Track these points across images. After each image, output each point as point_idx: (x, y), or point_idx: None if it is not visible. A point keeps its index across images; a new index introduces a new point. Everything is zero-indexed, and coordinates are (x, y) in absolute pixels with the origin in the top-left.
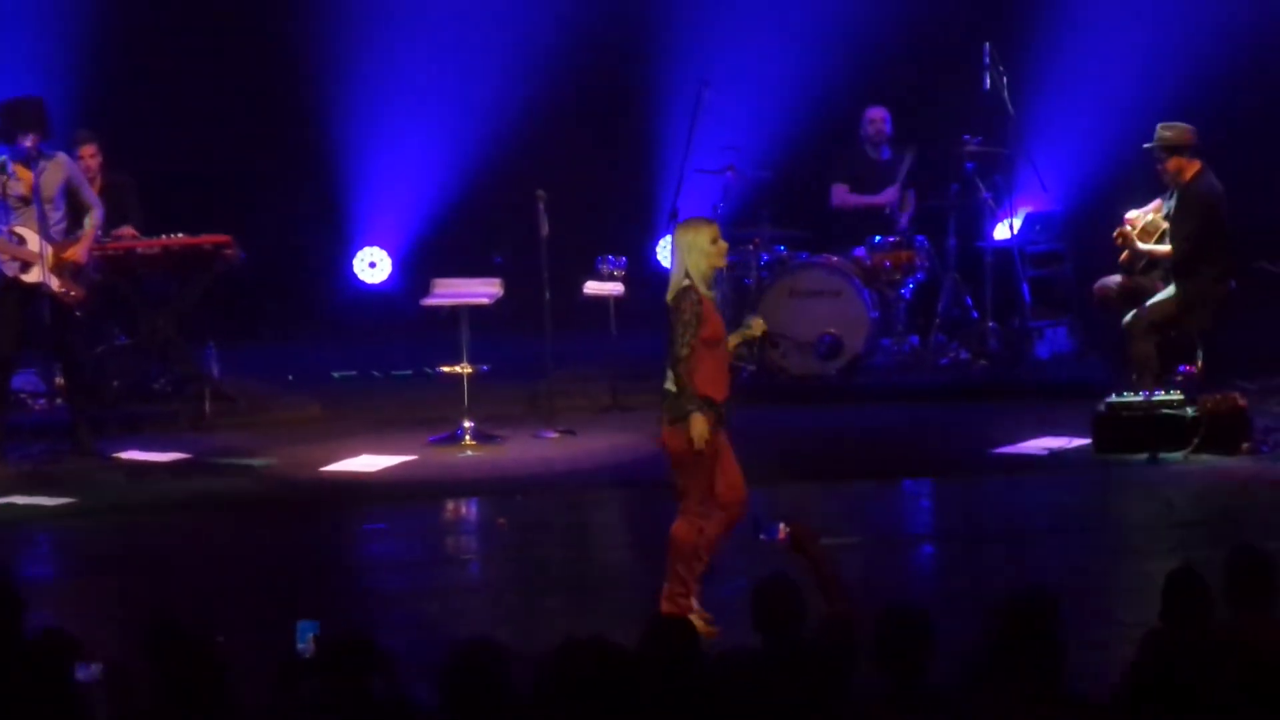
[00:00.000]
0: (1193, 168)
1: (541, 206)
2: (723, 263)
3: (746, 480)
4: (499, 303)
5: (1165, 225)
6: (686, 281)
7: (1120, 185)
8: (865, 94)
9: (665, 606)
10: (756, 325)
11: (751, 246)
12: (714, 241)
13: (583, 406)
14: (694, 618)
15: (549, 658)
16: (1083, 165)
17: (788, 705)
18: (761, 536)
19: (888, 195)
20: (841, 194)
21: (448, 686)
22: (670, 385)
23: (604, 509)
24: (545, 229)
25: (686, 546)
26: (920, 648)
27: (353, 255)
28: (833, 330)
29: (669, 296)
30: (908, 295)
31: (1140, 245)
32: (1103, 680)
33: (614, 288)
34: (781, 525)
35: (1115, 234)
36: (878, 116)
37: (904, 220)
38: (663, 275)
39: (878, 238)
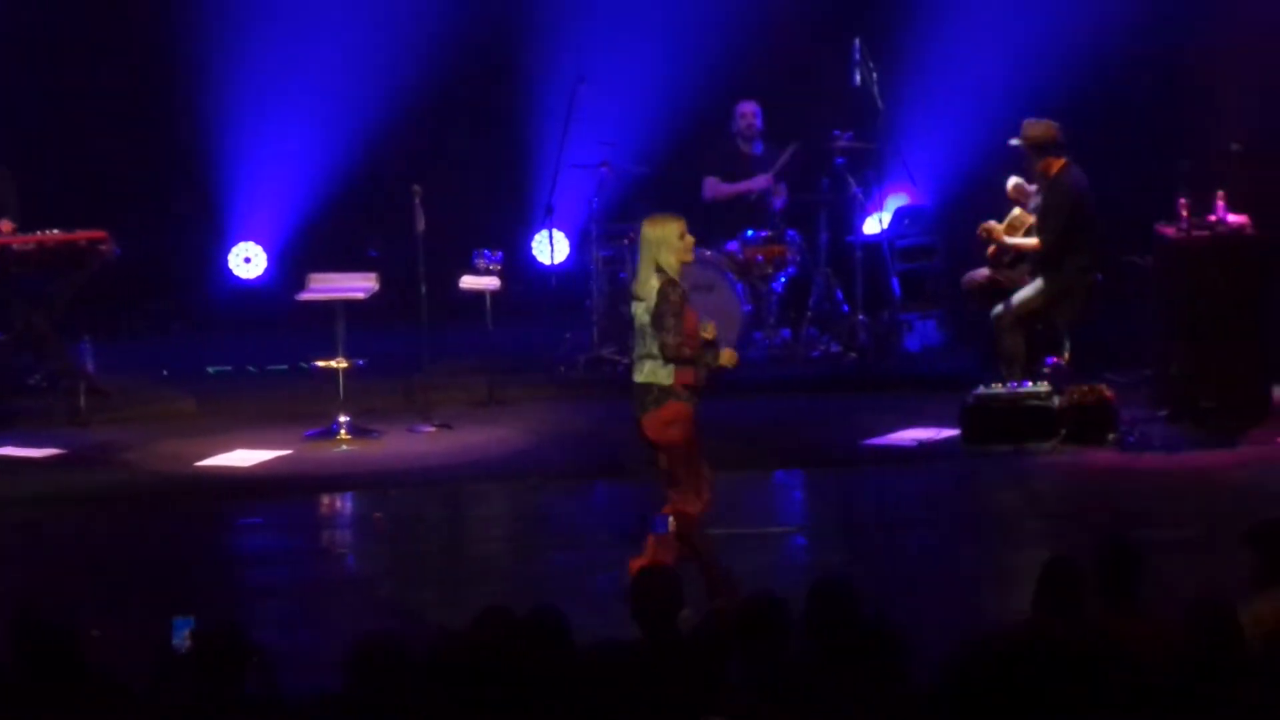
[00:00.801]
0: (1058, 163)
1: (417, 201)
2: (690, 257)
3: (625, 473)
4: (374, 297)
5: (1031, 219)
6: (662, 276)
7: (989, 179)
8: (737, 89)
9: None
10: (709, 330)
11: (626, 241)
12: (681, 236)
13: (459, 400)
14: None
15: (424, 651)
16: (952, 159)
17: (664, 695)
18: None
19: (758, 181)
20: (714, 185)
21: (351, 677)
22: (642, 378)
23: (480, 503)
24: (421, 223)
25: (692, 521)
26: (778, 636)
27: (228, 250)
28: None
29: (638, 289)
30: (779, 289)
31: (1007, 239)
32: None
33: (490, 282)
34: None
35: (979, 229)
36: (749, 110)
37: (776, 207)
38: (539, 270)
39: (750, 232)
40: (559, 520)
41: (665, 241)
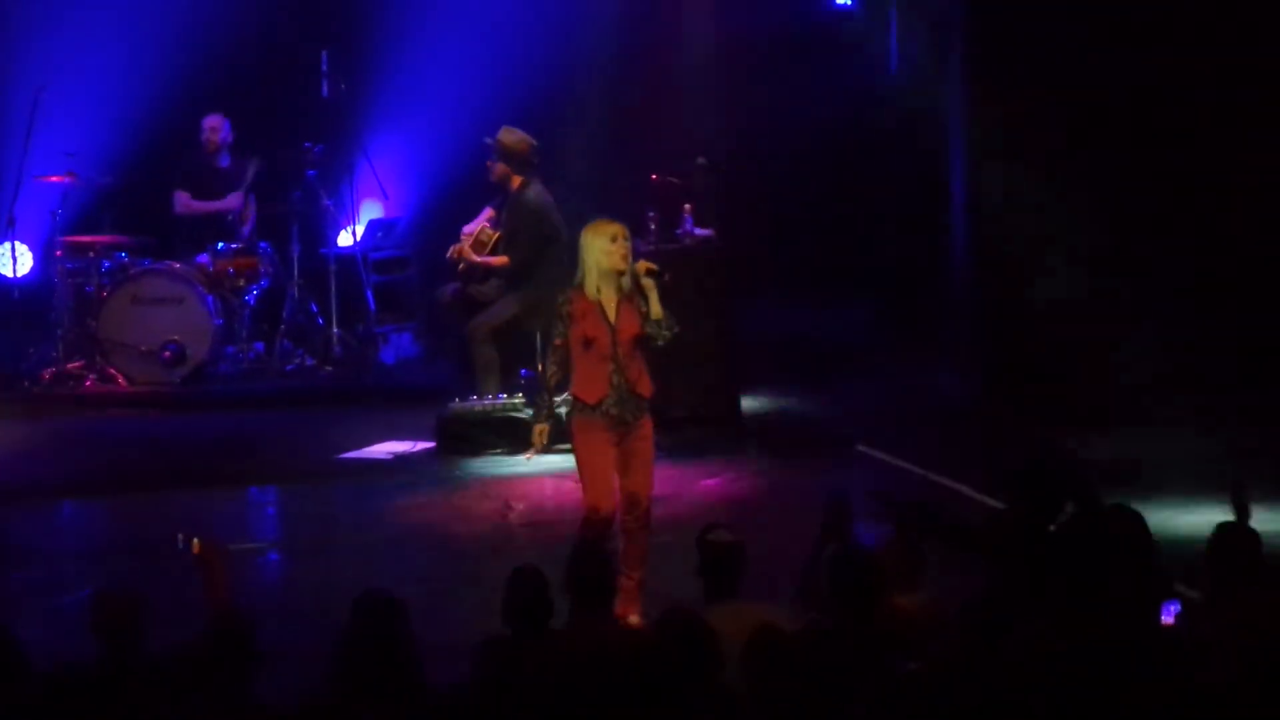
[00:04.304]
0: (519, 179)
1: None
2: (622, 264)
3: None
4: None
5: (497, 234)
6: (577, 281)
7: (461, 191)
8: (206, 100)
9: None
10: (641, 266)
11: (92, 254)
12: (613, 240)
13: None
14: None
15: None
16: (424, 171)
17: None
18: (180, 548)
19: (230, 201)
20: (184, 201)
21: None
22: None
23: None
24: None
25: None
26: (244, 659)
27: None
28: (176, 338)
29: None
30: (252, 302)
31: (475, 257)
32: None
33: None
34: (195, 540)
35: (450, 252)
36: (215, 124)
37: (246, 229)
38: (0, 282)
39: (221, 244)
40: (20, 539)
41: (594, 246)
